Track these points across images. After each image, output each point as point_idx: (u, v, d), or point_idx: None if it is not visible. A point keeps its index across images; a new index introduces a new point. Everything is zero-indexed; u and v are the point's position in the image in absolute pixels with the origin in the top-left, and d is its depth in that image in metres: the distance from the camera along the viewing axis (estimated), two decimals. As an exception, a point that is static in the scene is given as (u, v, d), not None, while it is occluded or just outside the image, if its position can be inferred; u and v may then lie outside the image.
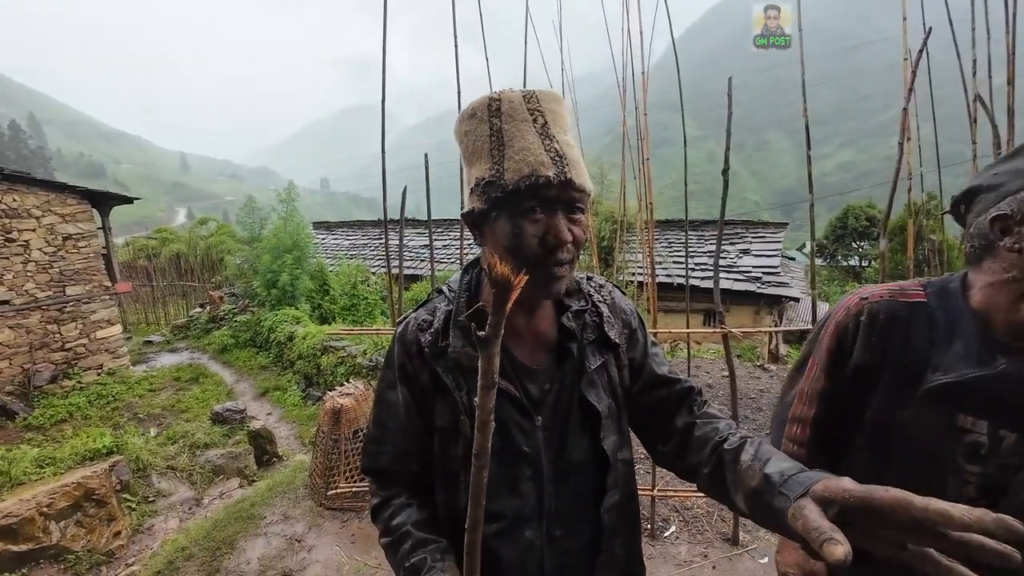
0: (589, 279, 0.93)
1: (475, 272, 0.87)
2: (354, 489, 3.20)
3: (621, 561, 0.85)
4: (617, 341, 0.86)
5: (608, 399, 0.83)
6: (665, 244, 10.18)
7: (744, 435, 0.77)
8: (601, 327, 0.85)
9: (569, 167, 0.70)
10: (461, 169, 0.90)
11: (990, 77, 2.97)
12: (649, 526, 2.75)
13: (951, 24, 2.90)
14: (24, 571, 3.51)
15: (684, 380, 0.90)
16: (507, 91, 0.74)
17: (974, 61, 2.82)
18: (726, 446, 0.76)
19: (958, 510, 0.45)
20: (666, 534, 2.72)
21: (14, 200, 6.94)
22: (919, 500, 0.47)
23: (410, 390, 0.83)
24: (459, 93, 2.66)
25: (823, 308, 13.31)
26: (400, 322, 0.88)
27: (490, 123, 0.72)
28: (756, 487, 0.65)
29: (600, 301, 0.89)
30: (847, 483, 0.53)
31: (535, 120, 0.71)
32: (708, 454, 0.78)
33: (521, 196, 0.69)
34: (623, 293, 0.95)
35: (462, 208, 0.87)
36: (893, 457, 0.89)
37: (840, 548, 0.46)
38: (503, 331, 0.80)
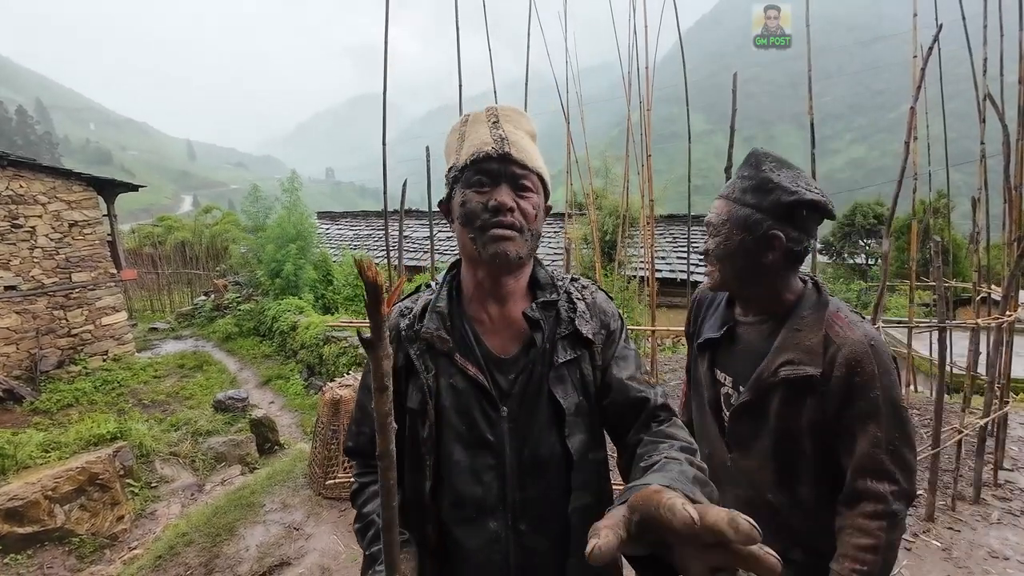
0: (574, 279, 0.94)
1: (462, 267, 0.91)
2: (351, 486, 3.23)
3: (594, 569, 0.83)
4: (590, 337, 0.85)
5: (578, 397, 0.83)
6: (669, 239, 10.09)
7: (672, 456, 0.70)
8: (574, 322, 0.85)
9: (510, 145, 0.80)
10: None
11: (1001, 75, 2.91)
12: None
13: (964, 20, 2.84)
14: (29, 552, 3.58)
15: (642, 389, 0.85)
16: (477, 110, 0.88)
17: (984, 59, 2.77)
18: (643, 464, 0.71)
19: (681, 511, 0.40)
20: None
21: (21, 186, 6.98)
22: (665, 498, 0.43)
23: None
24: (460, 87, 2.65)
25: (828, 306, 13.20)
26: None
27: (460, 132, 0.87)
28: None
29: (578, 298, 0.89)
30: (647, 491, 0.48)
31: (489, 120, 0.84)
32: (638, 475, 0.71)
33: (469, 171, 0.81)
34: (609, 297, 0.95)
35: None
36: (697, 406, 1.21)
37: (591, 542, 0.44)
38: (476, 320, 0.84)
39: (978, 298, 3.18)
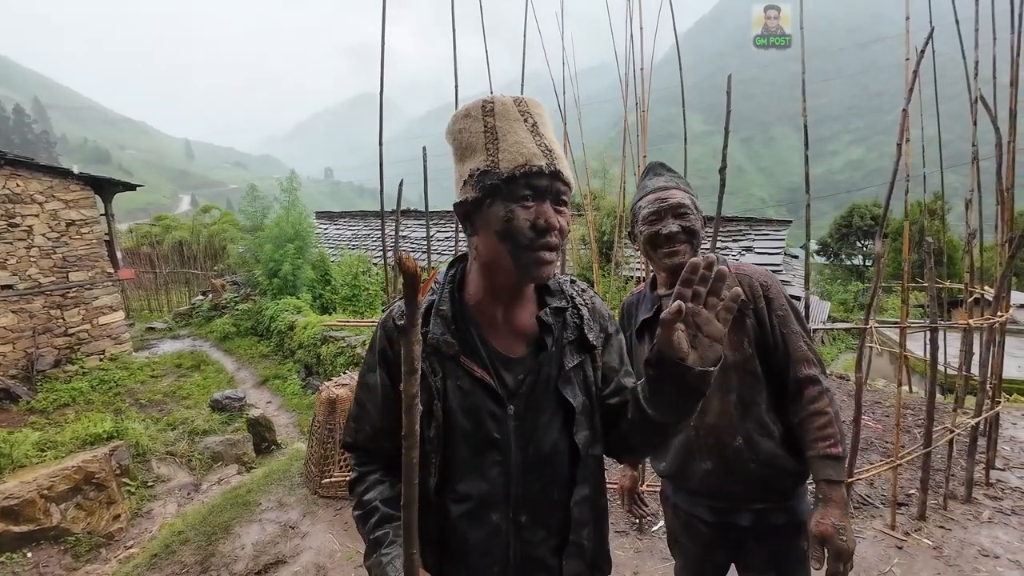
0: (573, 282, 0.97)
1: (460, 266, 0.92)
2: (348, 478, 3.24)
3: (589, 553, 0.89)
4: (594, 343, 0.90)
5: (583, 397, 0.87)
6: (667, 240, 10.09)
7: None
8: (581, 328, 0.89)
9: (557, 160, 0.79)
10: None
11: (994, 78, 2.93)
12: (638, 520, 2.77)
13: (957, 23, 2.86)
14: (25, 551, 3.58)
15: None
16: (498, 96, 0.83)
17: (976, 62, 2.79)
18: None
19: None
20: (654, 528, 2.75)
21: (18, 185, 6.97)
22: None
23: (388, 373, 0.88)
24: (456, 87, 2.66)
25: (824, 308, 13.23)
26: (386, 310, 0.94)
27: (484, 121, 0.80)
28: (643, 382, 0.79)
29: (582, 304, 0.93)
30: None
31: (525, 120, 0.80)
32: (630, 412, 0.85)
33: (515, 184, 0.77)
34: (603, 300, 1.00)
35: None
36: None
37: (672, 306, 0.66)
38: (482, 321, 0.86)
39: (970, 299, 3.20)
